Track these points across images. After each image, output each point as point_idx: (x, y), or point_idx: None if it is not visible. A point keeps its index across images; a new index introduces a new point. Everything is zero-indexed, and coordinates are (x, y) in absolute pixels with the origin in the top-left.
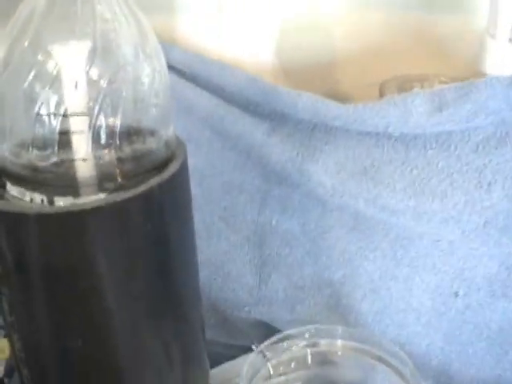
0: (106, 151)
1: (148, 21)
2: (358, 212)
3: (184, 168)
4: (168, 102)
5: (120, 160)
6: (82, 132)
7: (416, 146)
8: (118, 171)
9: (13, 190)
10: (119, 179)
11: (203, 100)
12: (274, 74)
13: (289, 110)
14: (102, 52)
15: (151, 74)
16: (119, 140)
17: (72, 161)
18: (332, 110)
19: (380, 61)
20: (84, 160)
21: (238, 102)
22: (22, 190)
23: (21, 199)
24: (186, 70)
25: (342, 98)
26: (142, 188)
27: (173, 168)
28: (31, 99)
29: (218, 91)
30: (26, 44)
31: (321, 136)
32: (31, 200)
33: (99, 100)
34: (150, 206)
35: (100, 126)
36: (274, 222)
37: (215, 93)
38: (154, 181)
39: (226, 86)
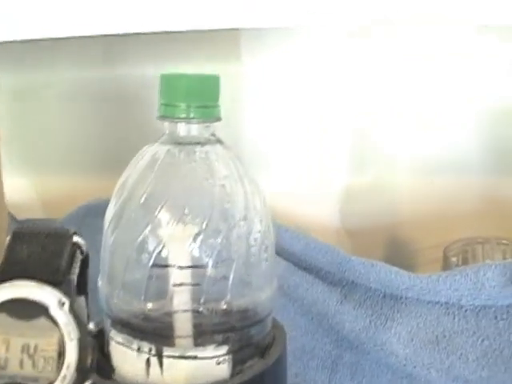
0: (218, 304)
1: None
2: (428, 381)
3: (284, 353)
4: (274, 256)
5: (230, 313)
6: (195, 284)
7: (487, 316)
8: (227, 324)
9: (118, 336)
10: (228, 333)
11: (279, 267)
12: (338, 235)
13: (361, 279)
14: (218, 209)
15: (262, 230)
16: (230, 294)
17: (183, 312)
18: (405, 280)
19: (443, 224)
20: (195, 312)
21: (311, 270)
22: (130, 338)
23: (127, 346)
24: None
25: (406, 259)
26: (249, 374)
27: (275, 353)
28: (145, 252)
29: (292, 259)
30: (143, 200)
31: (391, 304)
32: (138, 348)
33: (214, 254)
34: None
35: (213, 280)
36: None
37: (290, 260)
38: (259, 367)
39: (300, 255)
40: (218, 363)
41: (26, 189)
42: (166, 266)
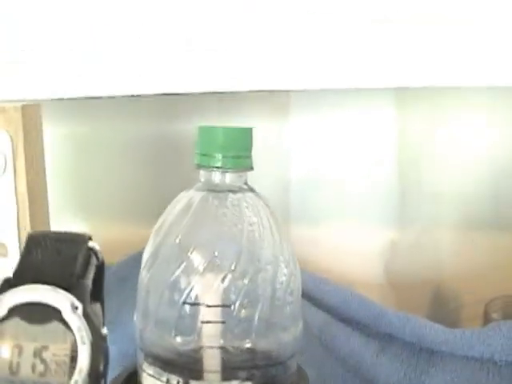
0: (242, 342)
1: None
2: None
3: None
4: (299, 300)
5: (253, 352)
6: (222, 322)
7: None
8: (251, 362)
9: (149, 369)
10: (253, 370)
11: (318, 318)
12: (382, 290)
13: (397, 332)
14: (246, 253)
15: (288, 275)
16: (255, 333)
17: (210, 348)
18: (439, 335)
19: (486, 280)
20: (221, 348)
21: (349, 322)
22: (160, 370)
23: (157, 378)
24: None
25: (449, 315)
26: None
27: None
28: (177, 290)
29: (331, 311)
30: (177, 241)
31: (427, 357)
32: (167, 381)
33: (241, 295)
34: None
35: (239, 319)
36: None
37: (329, 312)
38: None
39: (339, 307)
40: None
41: None
42: (196, 303)
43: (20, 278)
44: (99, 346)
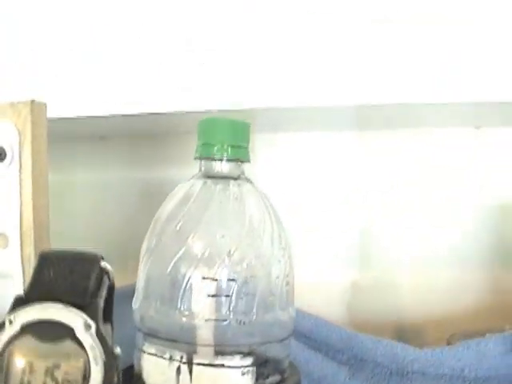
0: (246, 317)
1: None
2: None
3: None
4: (293, 284)
5: (255, 326)
6: (226, 296)
7: None
8: (252, 337)
9: (151, 348)
10: (253, 346)
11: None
12: None
13: (369, 355)
14: (248, 235)
15: (285, 256)
16: (256, 308)
17: (214, 321)
18: (410, 353)
19: (447, 316)
20: (225, 322)
21: (321, 349)
22: (162, 348)
23: (160, 357)
24: None
25: None
26: None
27: (294, 377)
28: (183, 265)
29: (302, 338)
30: (180, 225)
31: (398, 379)
32: (170, 357)
33: (243, 272)
34: None
35: (242, 294)
36: None
37: (300, 340)
38: None
39: (310, 333)
40: (243, 374)
41: None
42: (204, 278)
43: (33, 295)
44: (112, 366)
